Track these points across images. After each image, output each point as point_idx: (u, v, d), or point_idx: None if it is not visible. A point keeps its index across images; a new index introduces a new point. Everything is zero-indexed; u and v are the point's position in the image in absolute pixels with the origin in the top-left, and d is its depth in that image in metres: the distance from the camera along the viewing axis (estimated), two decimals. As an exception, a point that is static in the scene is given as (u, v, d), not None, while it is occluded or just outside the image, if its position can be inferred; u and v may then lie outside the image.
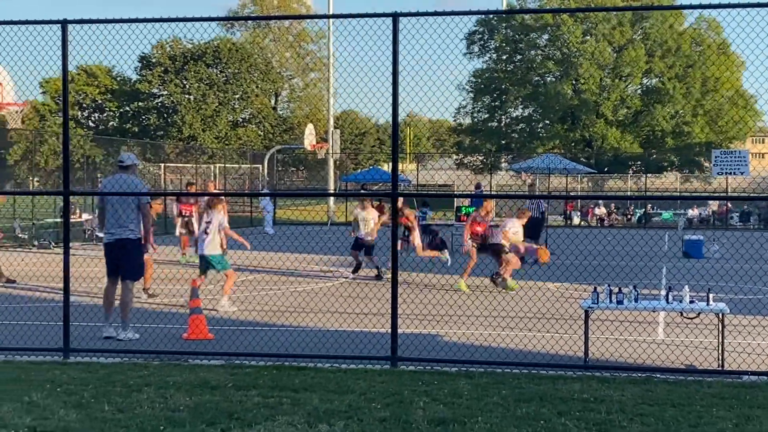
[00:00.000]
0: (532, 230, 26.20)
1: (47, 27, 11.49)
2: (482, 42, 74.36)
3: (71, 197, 13.64)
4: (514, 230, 19.31)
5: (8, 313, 15.17)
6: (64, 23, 11.20)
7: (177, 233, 24.72)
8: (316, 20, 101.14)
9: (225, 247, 16.26)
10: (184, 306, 14.64)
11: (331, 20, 43.19)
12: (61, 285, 11.69)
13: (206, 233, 15.71)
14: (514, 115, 75.50)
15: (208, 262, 15.69)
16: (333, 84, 58.18)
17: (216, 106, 77.43)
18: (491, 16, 68.99)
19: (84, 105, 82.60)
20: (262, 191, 40.55)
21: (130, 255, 12.96)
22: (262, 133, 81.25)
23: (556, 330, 13.54)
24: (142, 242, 13.21)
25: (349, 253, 21.44)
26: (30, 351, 11.48)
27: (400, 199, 21.84)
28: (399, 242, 22.35)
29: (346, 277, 21.12)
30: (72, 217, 23.98)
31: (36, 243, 31.21)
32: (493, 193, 48.86)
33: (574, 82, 70.33)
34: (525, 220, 19.76)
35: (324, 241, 20.76)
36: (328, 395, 8.93)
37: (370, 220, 20.80)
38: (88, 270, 22.19)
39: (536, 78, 72.82)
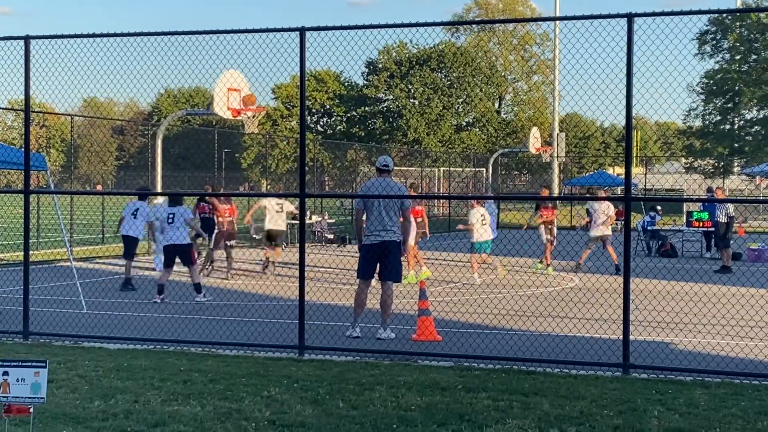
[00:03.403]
0: (716, 234, 25.39)
1: (280, 35, 11.84)
2: (714, 42, 71.74)
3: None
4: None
5: (246, 310, 15.79)
6: (302, 30, 11.50)
7: (544, 240, 23.68)
8: (540, 22, 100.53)
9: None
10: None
11: (557, 22, 42.70)
12: (296, 283, 12.07)
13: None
14: (749, 117, 72.43)
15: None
16: (558, 86, 57.43)
17: (440, 110, 78.11)
18: (725, 15, 66.41)
19: (313, 110, 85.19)
20: (487, 194, 40.56)
21: (393, 257, 13.17)
22: (485, 137, 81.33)
23: (798, 341, 12.87)
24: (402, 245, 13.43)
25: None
26: (267, 347, 11.95)
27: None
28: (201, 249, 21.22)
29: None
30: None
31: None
32: (729, 198, 46.91)
33: (815, 83, 66.71)
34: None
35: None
36: (559, 400, 8.83)
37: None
38: (321, 271, 22.86)
39: (772, 78, 69.51)
